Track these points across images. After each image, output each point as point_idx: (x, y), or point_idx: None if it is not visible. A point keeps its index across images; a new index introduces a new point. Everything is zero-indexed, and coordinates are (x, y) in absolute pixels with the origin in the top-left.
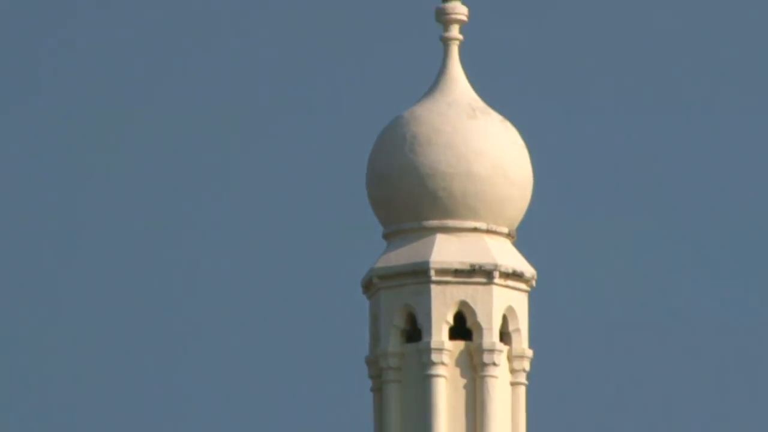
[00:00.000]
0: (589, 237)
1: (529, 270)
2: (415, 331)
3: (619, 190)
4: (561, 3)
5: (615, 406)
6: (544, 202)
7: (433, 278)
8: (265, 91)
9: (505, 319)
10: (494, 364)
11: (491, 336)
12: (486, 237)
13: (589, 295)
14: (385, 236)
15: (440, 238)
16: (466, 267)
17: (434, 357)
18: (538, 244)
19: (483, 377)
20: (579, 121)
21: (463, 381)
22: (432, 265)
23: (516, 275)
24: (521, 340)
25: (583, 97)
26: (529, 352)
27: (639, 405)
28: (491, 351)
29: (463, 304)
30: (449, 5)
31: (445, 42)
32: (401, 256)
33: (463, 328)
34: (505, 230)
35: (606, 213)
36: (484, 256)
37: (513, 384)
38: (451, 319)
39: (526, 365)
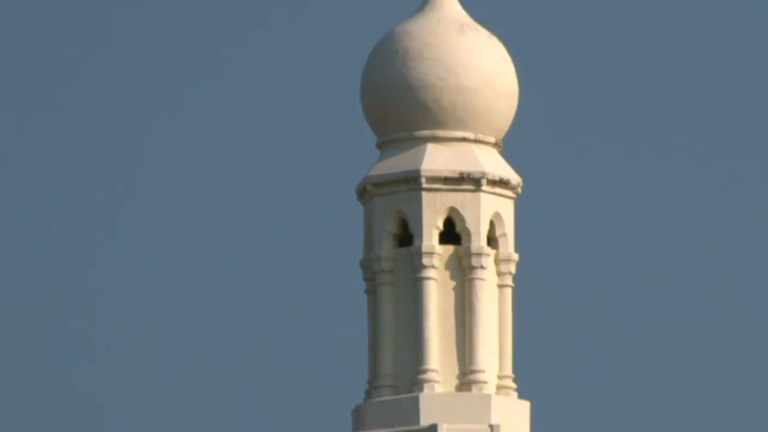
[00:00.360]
0: (572, 147)
1: (515, 178)
2: (407, 236)
3: (601, 102)
4: None
5: (596, 305)
6: (529, 113)
7: (424, 186)
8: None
9: (492, 224)
10: (482, 267)
11: (479, 240)
12: (474, 146)
13: (571, 201)
14: (379, 146)
15: (431, 148)
16: (455, 175)
17: (425, 260)
18: (524, 153)
19: (471, 280)
20: (563, 36)
21: (452, 283)
22: (423, 173)
23: (502, 183)
24: (508, 245)
25: (567, 12)
26: (515, 256)
27: (621, 302)
28: (479, 255)
29: (453, 210)
30: None
31: None
32: (394, 164)
33: (452, 233)
34: (492, 140)
35: (588, 124)
36: (472, 165)
37: (500, 286)
38: (441, 225)
39: (513, 268)
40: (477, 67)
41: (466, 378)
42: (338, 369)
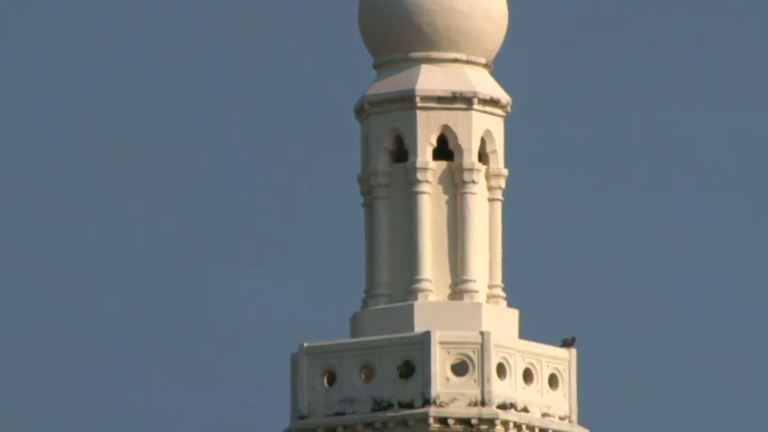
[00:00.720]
0: (559, 67)
1: (504, 97)
2: (402, 152)
3: (587, 23)
4: None
5: (582, 217)
6: (518, 36)
7: (419, 104)
8: None
9: (483, 141)
10: (473, 182)
11: (471, 156)
12: (466, 67)
13: (558, 120)
14: (376, 66)
15: (425, 68)
16: (448, 94)
17: (419, 175)
18: (513, 73)
19: (463, 194)
20: None
21: (445, 197)
22: (417, 93)
23: (493, 102)
24: (498, 160)
25: None
26: (505, 171)
27: (605, 214)
28: (471, 170)
29: (446, 127)
30: None
31: None
32: (390, 84)
33: (445, 149)
34: (483, 61)
35: (574, 45)
36: (464, 85)
37: (490, 200)
38: (434, 141)
39: (502, 183)
40: None
41: (458, 287)
42: (337, 279)
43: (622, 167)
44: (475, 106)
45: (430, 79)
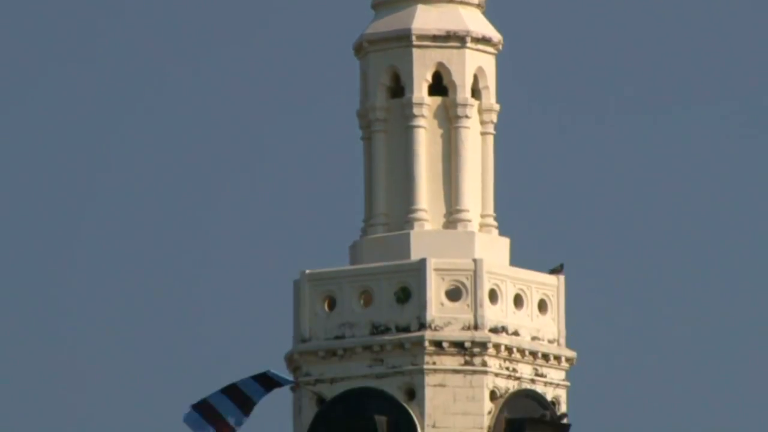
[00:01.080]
0: (549, 6)
1: (496, 36)
2: (399, 89)
3: None
4: None
5: (571, 149)
6: None
7: (415, 43)
8: None
9: (475, 78)
10: (467, 116)
11: (464, 92)
12: (460, 7)
13: (549, 56)
14: (374, 6)
15: (420, 8)
16: (443, 33)
17: (415, 110)
18: (504, 13)
19: (457, 128)
20: None
21: (440, 131)
22: (413, 32)
23: (485, 40)
24: (490, 96)
25: None
26: (497, 106)
27: (595, 144)
28: (464, 105)
29: (440, 65)
30: None
31: None
32: (387, 23)
33: (440, 85)
34: (476, 1)
35: None
36: (458, 24)
37: (483, 134)
38: (430, 78)
39: (494, 118)
40: None
41: (452, 217)
42: (337, 209)
43: (609, 99)
44: (468, 45)
45: (426, 19)
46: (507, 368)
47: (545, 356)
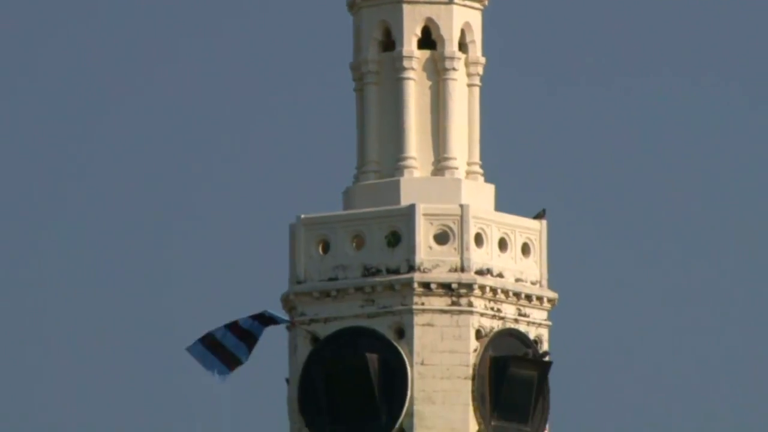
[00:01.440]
0: None
1: None
2: (390, 43)
3: None
4: None
5: (553, 99)
6: None
7: None
8: None
9: (462, 32)
10: (454, 69)
11: (452, 46)
12: None
13: (533, 11)
14: None
15: None
16: None
17: (405, 63)
18: None
19: (445, 80)
20: None
21: (428, 83)
22: None
23: None
24: (476, 50)
25: None
26: (483, 60)
27: (578, 97)
28: (452, 58)
29: (429, 20)
30: None
31: None
32: None
33: (428, 39)
34: None
35: None
36: None
37: (469, 86)
38: (419, 33)
39: (480, 70)
40: None
41: (440, 164)
42: (331, 157)
43: (591, 53)
44: (456, 1)
45: None
46: (492, 308)
47: (528, 297)
